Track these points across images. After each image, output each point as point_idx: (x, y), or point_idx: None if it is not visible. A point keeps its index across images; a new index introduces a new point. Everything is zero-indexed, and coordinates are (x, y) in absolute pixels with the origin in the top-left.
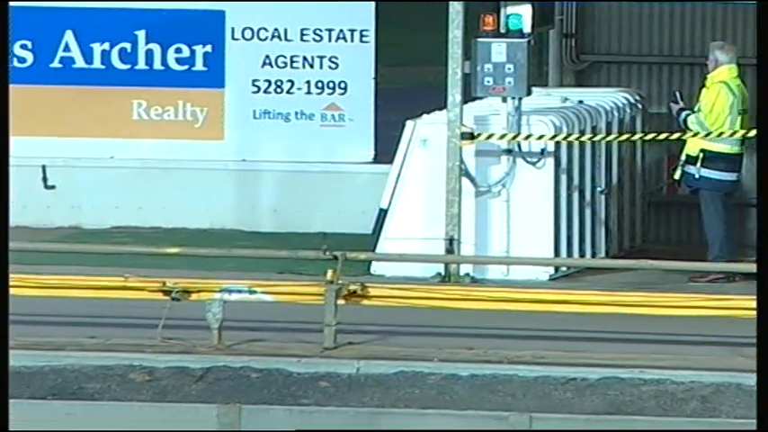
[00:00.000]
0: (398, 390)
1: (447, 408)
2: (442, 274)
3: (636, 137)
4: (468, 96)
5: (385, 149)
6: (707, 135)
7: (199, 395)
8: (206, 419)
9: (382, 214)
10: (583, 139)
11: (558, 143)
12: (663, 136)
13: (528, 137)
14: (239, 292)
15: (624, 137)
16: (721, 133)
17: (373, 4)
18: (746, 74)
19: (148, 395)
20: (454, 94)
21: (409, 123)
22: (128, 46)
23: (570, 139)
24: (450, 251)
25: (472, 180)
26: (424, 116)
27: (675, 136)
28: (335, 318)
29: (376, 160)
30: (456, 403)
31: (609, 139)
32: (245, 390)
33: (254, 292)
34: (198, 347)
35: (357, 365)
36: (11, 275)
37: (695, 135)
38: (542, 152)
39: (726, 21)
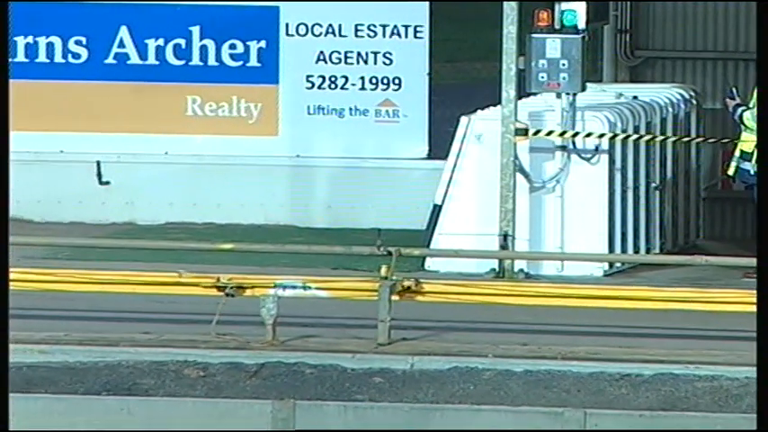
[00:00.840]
0: (453, 386)
1: (501, 404)
2: (496, 269)
3: (694, 140)
4: (522, 92)
5: (439, 145)
6: None
7: (253, 391)
8: (260, 415)
9: (436, 210)
10: (643, 139)
11: (612, 139)
12: (724, 141)
13: (588, 135)
14: (293, 287)
15: (683, 139)
16: None
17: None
18: None
19: (203, 391)
20: (508, 89)
21: (464, 119)
22: (182, 42)
23: (629, 139)
24: (504, 247)
25: (526, 176)
26: (479, 112)
27: (738, 143)
28: (389, 314)
29: (430, 156)
30: (510, 399)
31: (668, 139)
32: (300, 385)
33: (309, 287)
34: (252, 343)
35: (411, 361)
36: (66, 271)
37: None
38: (596, 148)
39: None
